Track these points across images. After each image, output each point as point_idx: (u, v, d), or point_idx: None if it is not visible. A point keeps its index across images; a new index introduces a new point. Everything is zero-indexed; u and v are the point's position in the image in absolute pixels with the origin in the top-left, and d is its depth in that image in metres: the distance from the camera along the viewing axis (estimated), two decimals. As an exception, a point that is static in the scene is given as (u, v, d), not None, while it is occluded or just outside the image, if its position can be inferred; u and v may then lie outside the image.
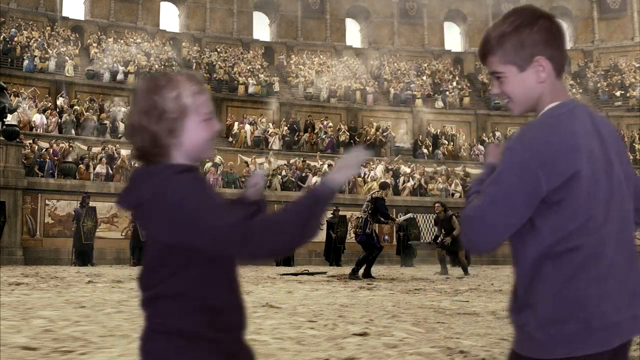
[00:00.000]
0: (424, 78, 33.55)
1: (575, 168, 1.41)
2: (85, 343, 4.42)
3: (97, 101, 25.06)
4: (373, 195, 13.12)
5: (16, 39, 27.79)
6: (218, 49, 33.46)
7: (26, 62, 26.40)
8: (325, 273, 14.18)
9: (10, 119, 18.01)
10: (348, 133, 27.37)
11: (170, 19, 37.89)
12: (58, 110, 23.63)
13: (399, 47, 37.31)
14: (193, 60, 31.15)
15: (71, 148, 20.35)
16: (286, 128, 26.88)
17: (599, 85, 33.44)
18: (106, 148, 21.03)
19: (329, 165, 23.27)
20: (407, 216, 17.93)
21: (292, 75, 32.59)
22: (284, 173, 22.39)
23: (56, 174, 19.37)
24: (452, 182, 23.87)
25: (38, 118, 22.51)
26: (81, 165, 19.73)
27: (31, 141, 19.87)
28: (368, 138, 27.46)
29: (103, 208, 18.59)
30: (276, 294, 8.53)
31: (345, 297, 8.31)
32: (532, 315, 1.44)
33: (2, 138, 17.20)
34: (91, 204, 17.64)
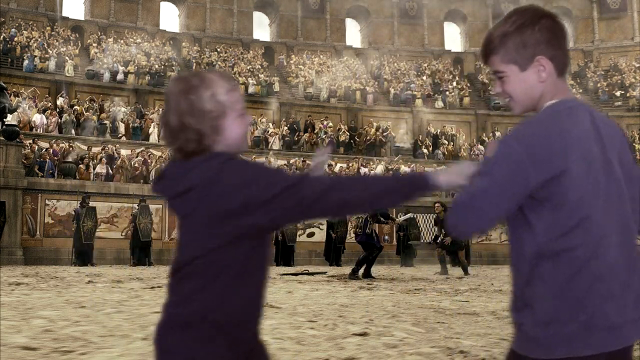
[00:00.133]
0: (424, 78, 33.55)
1: (565, 165, 1.41)
2: (85, 343, 4.42)
3: (97, 101, 25.06)
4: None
5: (16, 39, 27.78)
6: (218, 49, 33.46)
7: (26, 62, 26.40)
8: (325, 273, 14.18)
9: (10, 119, 18.02)
10: (348, 133, 27.37)
11: (170, 19, 37.91)
12: (58, 110, 23.62)
13: (399, 47, 37.30)
14: (193, 60, 31.13)
15: (71, 148, 20.35)
16: (286, 128, 26.89)
17: (599, 85, 33.44)
18: (106, 148, 21.04)
19: (329, 165, 23.29)
20: (407, 216, 17.94)
21: (292, 75, 32.59)
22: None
23: (56, 174, 19.37)
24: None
25: (38, 118, 22.50)
26: (81, 165, 19.74)
27: (31, 141, 19.86)
28: (368, 138, 27.47)
29: (103, 208, 18.60)
30: (276, 294, 8.53)
31: (345, 297, 8.31)
32: (531, 314, 1.43)
33: (2, 138, 17.21)
34: (91, 204, 17.65)
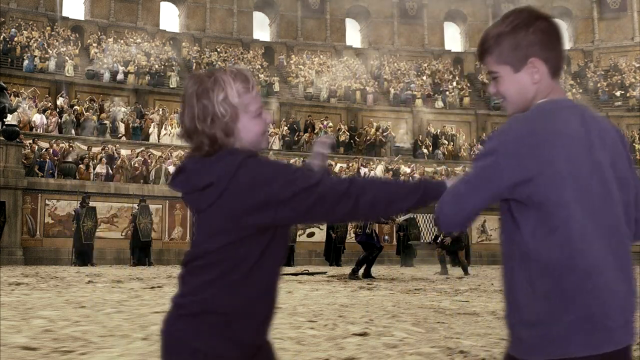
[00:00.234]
0: (424, 78, 33.55)
1: (543, 165, 1.40)
2: (85, 343, 4.42)
3: (97, 101, 25.05)
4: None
5: (16, 39, 27.78)
6: (218, 49, 33.45)
7: (26, 62, 26.39)
8: (325, 273, 14.18)
9: (10, 119, 18.02)
10: (348, 133, 27.37)
11: (170, 19, 37.91)
12: (58, 110, 23.62)
13: (399, 47, 37.30)
14: (193, 60, 31.13)
15: (71, 148, 20.34)
16: (286, 128, 26.88)
17: (599, 85, 33.44)
18: (106, 148, 21.03)
19: (329, 165, 23.28)
20: (407, 216, 17.93)
21: (292, 75, 32.59)
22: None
23: (56, 174, 19.37)
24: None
25: (38, 118, 22.50)
26: (81, 165, 19.73)
27: (31, 141, 19.86)
28: (368, 138, 27.47)
29: (103, 208, 18.60)
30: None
31: (345, 297, 8.31)
32: (520, 316, 1.43)
33: (2, 138, 17.21)
34: (91, 204, 17.64)
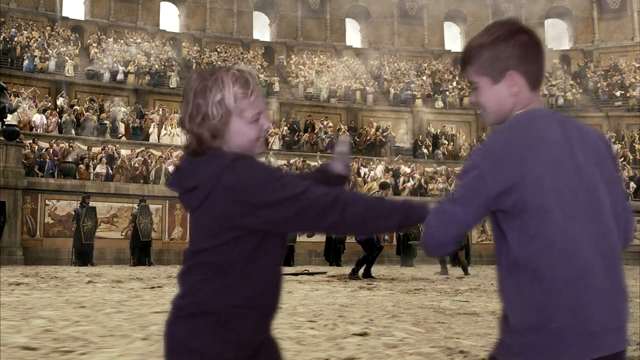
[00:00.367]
0: (424, 78, 33.55)
1: (524, 172, 1.41)
2: (85, 343, 4.42)
3: (97, 101, 25.05)
4: (373, 195, 13.13)
5: (16, 39, 27.79)
6: (218, 49, 33.46)
7: (26, 62, 26.40)
8: (325, 273, 14.18)
9: (10, 119, 18.01)
10: (348, 133, 27.37)
11: (170, 19, 37.92)
12: (58, 110, 23.62)
13: (399, 47, 37.31)
14: (193, 60, 31.13)
15: (71, 148, 20.34)
16: (286, 128, 26.88)
17: (599, 85, 33.43)
18: (106, 148, 21.03)
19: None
20: None
21: (292, 75, 32.59)
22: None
23: (56, 174, 19.36)
24: (452, 182, 23.86)
25: (38, 118, 22.50)
26: (81, 165, 19.73)
27: (31, 141, 19.86)
28: (368, 138, 27.46)
29: (103, 208, 18.59)
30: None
31: (345, 297, 8.31)
32: (507, 322, 1.44)
33: (2, 138, 17.20)
34: (91, 204, 17.64)
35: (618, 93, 32.57)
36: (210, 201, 1.53)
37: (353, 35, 39.63)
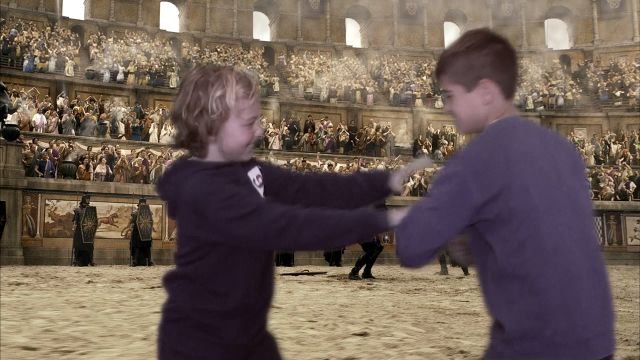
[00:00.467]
0: (424, 78, 33.56)
1: (508, 180, 1.41)
2: (85, 343, 4.42)
3: (97, 101, 25.05)
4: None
5: (16, 39, 27.79)
6: (218, 49, 33.46)
7: (26, 62, 26.40)
8: (325, 273, 14.18)
9: (10, 119, 18.02)
10: (348, 133, 27.38)
11: (170, 19, 37.93)
12: (58, 110, 23.62)
13: (399, 47, 37.31)
14: (193, 60, 31.13)
15: (71, 148, 20.34)
16: (286, 128, 26.88)
17: (599, 85, 33.43)
18: (106, 148, 21.02)
19: (329, 165, 23.28)
20: None
21: (292, 75, 32.59)
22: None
23: (56, 174, 19.36)
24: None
25: (38, 118, 22.49)
26: (81, 165, 19.73)
27: (31, 141, 19.85)
28: (368, 138, 27.46)
29: (103, 208, 18.59)
30: (276, 294, 8.52)
31: (345, 297, 8.31)
32: (499, 331, 1.43)
33: (2, 138, 17.20)
34: (91, 204, 17.64)
35: (618, 93, 32.57)
36: (178, 210, 1.56)
37: (353, 35, 39.67)
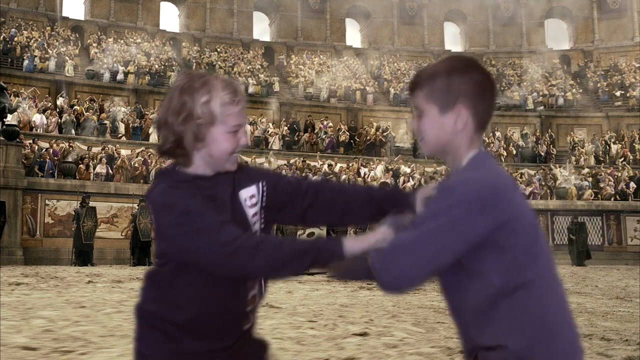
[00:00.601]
0: (424, 78, 33.53)
1: (512, 209, 1.43)
2: (85, 343, 4.42)
3: (97, 101, 25.05)
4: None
5: (16, 39, 27.78)
6: (218, 49, 33.46)
7: (26, 62, 26.40)
8: (325, 273, 14.16)
9: (10, 119, 18.01)
10: (348, 133, 27.37)
11: (170, 19, 37.95)
12: (58, 110, 23.61)
13: (399, 47, 37.31)
14: (193, 60, 31.13)
15: (71, 148, 20.33)
16: (286, 128, 26.88)
17: (599, 85, 33.43)
18: (106, 148, 21.02)
19: (329, 165, 23.28)
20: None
21: (292, 75, 32.59)
22: (284, 173, 22.33)
23: (56, 174, 19.36)
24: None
25: (38, 118, 22.49)
26: (81, 165, 19.72)
27: (31, 141, 19.84)
28: (368, 138, 27.46)
29: (103, 208, 18.59)
30: (276, 294, 8.52)
31: (345, 297, 8.31)
32: (503, 353, 1.40)
33: (2, 138, 17.20)
34: (91, 204, 17.64)
35: (618, 93, 32.56)
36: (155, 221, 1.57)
37: (353, 35, 39.68)
